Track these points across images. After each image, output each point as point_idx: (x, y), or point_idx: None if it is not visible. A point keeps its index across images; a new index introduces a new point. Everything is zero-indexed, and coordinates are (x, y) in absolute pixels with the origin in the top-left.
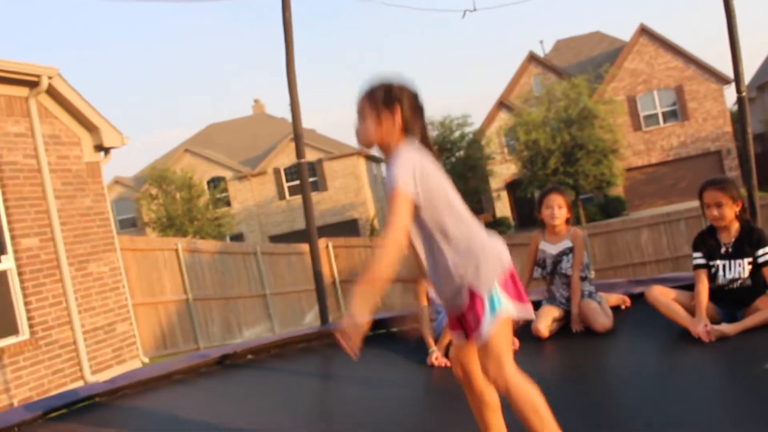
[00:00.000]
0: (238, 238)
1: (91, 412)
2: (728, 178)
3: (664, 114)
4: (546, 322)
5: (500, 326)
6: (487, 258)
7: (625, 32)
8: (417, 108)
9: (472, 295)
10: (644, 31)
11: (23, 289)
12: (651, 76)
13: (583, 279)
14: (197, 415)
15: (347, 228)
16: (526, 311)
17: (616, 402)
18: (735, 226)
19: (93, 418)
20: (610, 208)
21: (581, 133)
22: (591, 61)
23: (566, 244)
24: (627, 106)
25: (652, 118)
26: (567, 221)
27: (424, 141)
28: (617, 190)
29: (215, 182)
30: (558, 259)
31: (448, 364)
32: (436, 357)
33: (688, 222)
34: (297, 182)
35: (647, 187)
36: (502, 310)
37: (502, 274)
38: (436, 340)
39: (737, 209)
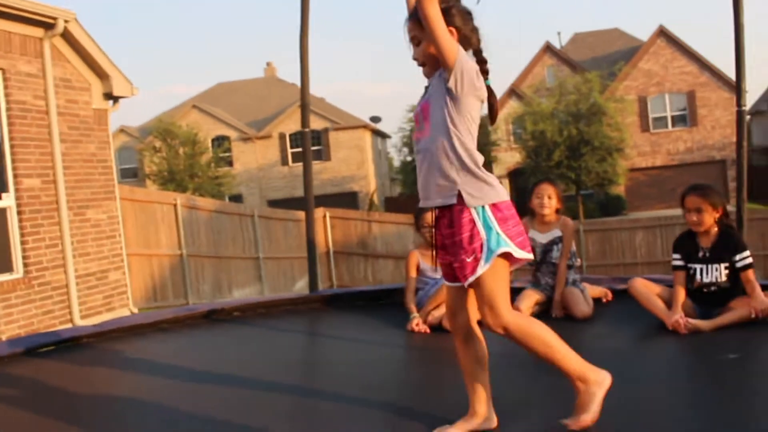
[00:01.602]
0: (236, 199)
1: (78, 352)
2: (710, 185)
3: (673, 118)
4: (527, 303)
5: (495, 266)
6: (488, 180)
7: (643, 32)
8: (467, 19)
9: (460, 209)
10: (662, 32)
11: (21, 228)
12: (664, 78)
13: (569, 267)
14: (180, 361)
15: (346, 200)
16: (525, 253)
17: None
18: (714, 231)
19: (78, 357)
20: (610, 206)
21: (588, 128)
22: (606, 57)
23: (556, 233)
24: (637, 106)
25: (660, 121)
26: (557, 211)
27: (479, 55)
28: (618, 189)
29: (219, 141)
30: (548, 248)
31: (428, 330)
32: (417, 323)
33: (684, 228)
34: (301, 149)
35: (649, 189)
36: (499, 248)
37: (499, 208)
38: (419, 309)
39: (717, 215)
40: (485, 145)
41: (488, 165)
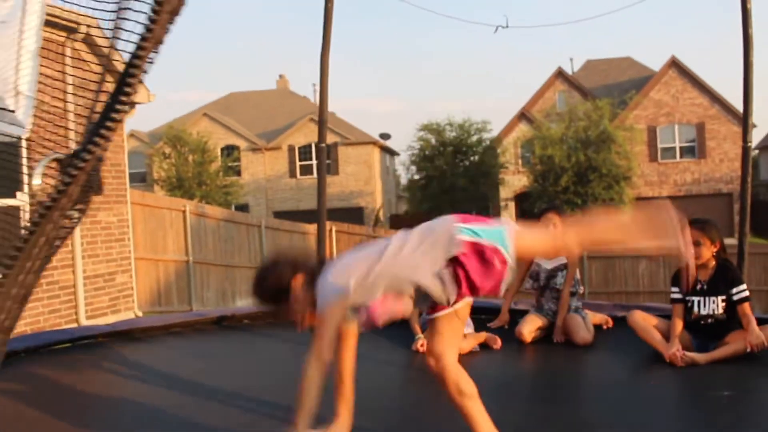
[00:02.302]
0: (243, 208)
1: (92, 349)
2: (710, 219)
3: (681, 149)
4: (530, 327)
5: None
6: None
7: (655, 62)
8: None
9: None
10: (675, 63)
11: None
12: (675, 109)
13: (572, 294)
14: (188, 364)
15: (352, 215)
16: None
17: (580, 409)
18: (711, 265)
19: (93, 354)
20: None
21: (597, 155)
22: (618, 85)
23: (561, 260)
24: (646, 135)
25: (669, 151)
26: None
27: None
28: None
29: (229, 150)
30: (552, 274)
31: None
32: (422, 344)
33: None
34: (309, 162)
35: None
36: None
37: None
38: (423, 330)
39: (714, 249)
40: (492, 167)
41: (495, 187)
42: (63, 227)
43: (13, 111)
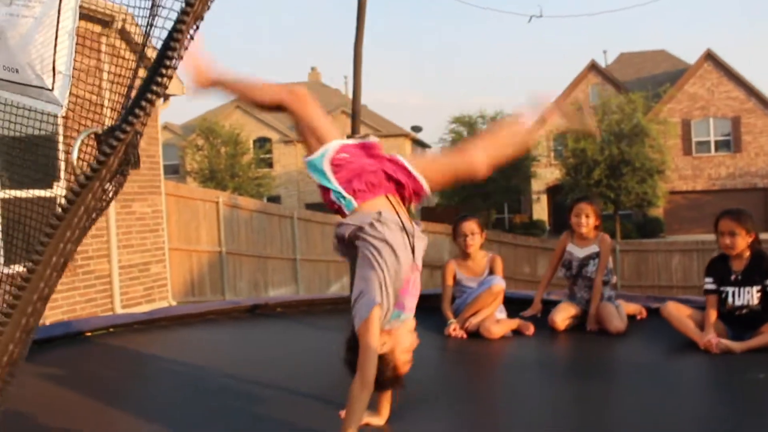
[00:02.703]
0: (275, 200)
1: (131, 335)
2: (744, 210)
3: (716, 143)
4: (563, 316)
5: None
6: None
7: (690, 54)
8: None
9: None
10: (710, 56)
11: None
12: (710, 102)
13: (605, 283)
14: (222, 351)
15: None
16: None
17: (612, 394)
18: (746, 255)
19: (129, 342)
20: (648, 228)
21: (630, 149)
22: (652, 78)
23: (593, 248)
24: (681, 129)
25: (703, 145)
26: (595, 228)
27: None
28: (657, 212)
29: (261, 142)
30: (584, 262)
31: (465, 335)
32: (454, 328)
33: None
34: None
35: (688, 212)
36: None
37: None
38: (456, 316)
39: (750, 239)
40: (524, 159)
41: (527, 180)
42: (102, 199)
43: (50, 89)
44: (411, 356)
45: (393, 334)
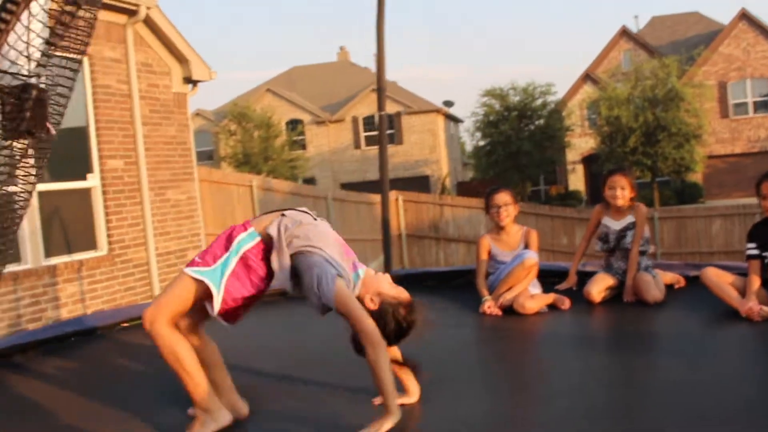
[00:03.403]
0: (310, 181)
1: None
2: None
3: (755, 104)
4: (599, 287)
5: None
6: None
7: (724, 15)
8: None
9: None
10: (744, 16)
11: (105, 207)
12: (746, 63)
13: (642, 253)
14: (256, 334)
15: (418, 184)
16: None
17: (651, 365)
18: None
19: None
20: (686, 194)
21: (665, 114)
22: (685, 41)
23: (629, 219)
24: (717, 92)
25: (741, 107)
26: (631, 200)
27: None
28: (696, 177)
29: (293, 124)
30: (621, 234)
31: (500, 313)
32: (489, 306)
33: (763, 217)
34: (374, 133)
35: (727, 176)
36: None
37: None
38: (490, 292)
39: None
40: (558, 130)
41: (562, 151)
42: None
43: None
44: (398, 287)
45: (366, 286)
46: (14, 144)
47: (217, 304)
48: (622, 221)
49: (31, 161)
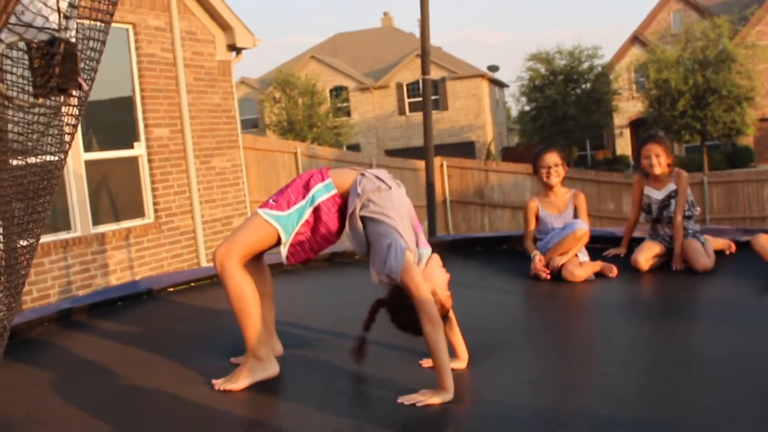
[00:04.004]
0: (354, 148)
1: (212, 290)
2: None
3: None
4: (647, 255)
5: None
6: None
7: None
8: None
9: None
10: None
11: (152, 176)
12: None
13: (688, 218)
14: (301, 300)
15: (463, 149)
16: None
17: (699, 337)
18: None
19: (212, 296)
20: (737, 157)
21: (716, 76)
22: (737, 1)
23: (671, 187)
24: None
25: None
26: (669, 166)
27: None
28: (747, 140)
29: (337, 91)
30: (665, 203)
31: (548, 276)
32: (539, 260)
33: None
34: (418, 99)
35: None
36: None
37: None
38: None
39: None
40: (605, 94)
41: (609, 115)
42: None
43: None
44: (450, 291)
45: (427, 275)
46: (47, 102)
47: (284, 251)
48: (664, 190)
49: (64, 122)
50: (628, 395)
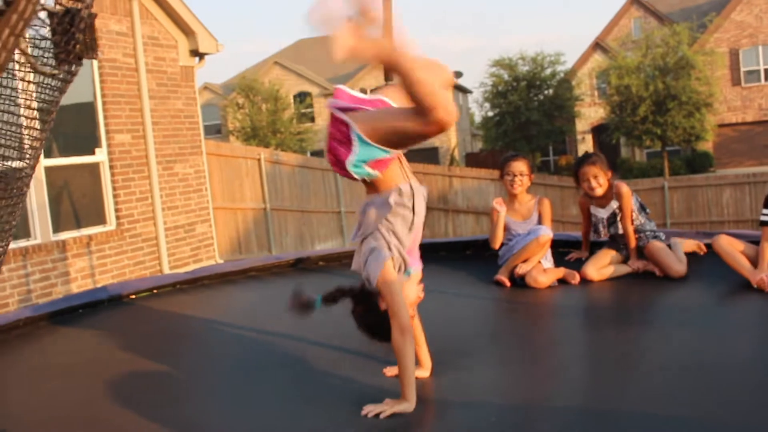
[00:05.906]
0: (319, 154)
1: (174, 297)
2: None
3: (767, 71)
4: (597, 265)
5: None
6: None
7: None
8: None
9: None
10: None
11: (113, 182)
12: (758, 30)
13: (645, 221)
14: (266, 306)
15: (427, 155)
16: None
17: (660, 341)
18: None
19: (175, 302)
20: (697, 163)
21: (676, 83)
22: (696, 8)
23: (614, 204)
24: (728, 59)
25: (753, 75)
26: (608, 181)
27: None
28: (706, 146)
29: (301, 97)
30: (611, 220)
31: (508, 283)
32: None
33: None
34: None
35: (738, 145)
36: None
37: None
38: (502, 264)
39: None
40: (567, 100)
41: (571, 120)
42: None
43: None
44: (414, 309)
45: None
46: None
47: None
48: (608, 208)
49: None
50: (592, 400)
